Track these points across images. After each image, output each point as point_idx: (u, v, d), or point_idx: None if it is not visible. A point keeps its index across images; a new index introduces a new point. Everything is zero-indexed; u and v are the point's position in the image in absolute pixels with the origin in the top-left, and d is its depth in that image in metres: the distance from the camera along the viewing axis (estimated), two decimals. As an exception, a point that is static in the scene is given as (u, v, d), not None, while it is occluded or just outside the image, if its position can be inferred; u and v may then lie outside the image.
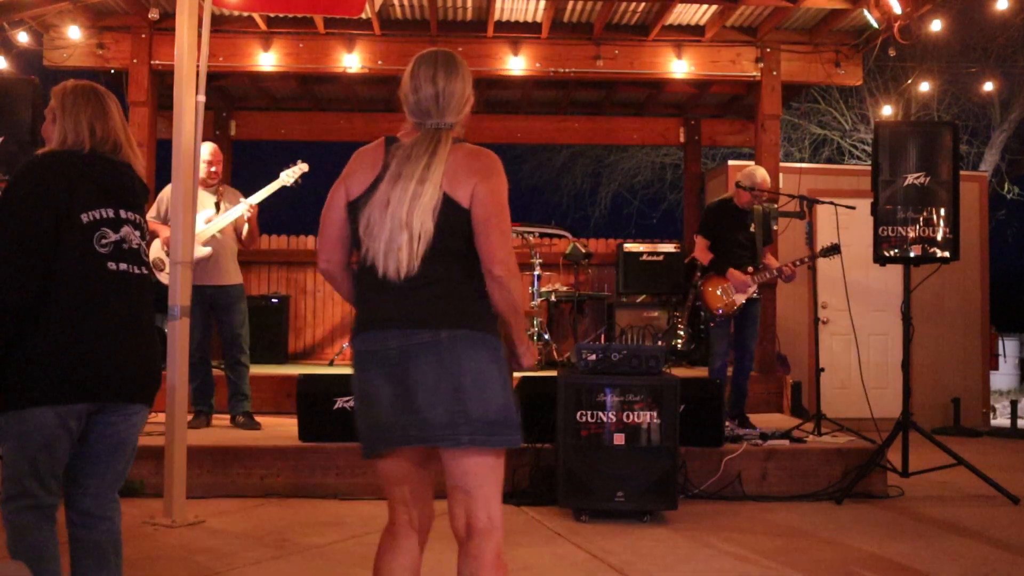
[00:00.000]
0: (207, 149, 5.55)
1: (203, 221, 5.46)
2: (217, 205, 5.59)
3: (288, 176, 5.59)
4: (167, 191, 5.44)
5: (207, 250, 5.49)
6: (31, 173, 2.45)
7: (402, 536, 2.40)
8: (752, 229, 5.89)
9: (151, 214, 5.68)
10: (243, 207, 5.53)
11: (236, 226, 5.65)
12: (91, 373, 2.42)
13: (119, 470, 2.60)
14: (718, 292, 5.81)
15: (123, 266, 2.51)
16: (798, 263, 5.87)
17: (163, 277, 5.44)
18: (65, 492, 2.53)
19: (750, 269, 5.80)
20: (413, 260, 2.25)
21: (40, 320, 2.37)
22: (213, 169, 5.62)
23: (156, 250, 5.55)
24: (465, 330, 2.27)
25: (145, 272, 2.60)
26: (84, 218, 2.45)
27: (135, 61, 6.83)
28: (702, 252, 5.94)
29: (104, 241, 2.48)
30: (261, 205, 5.64)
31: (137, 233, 2.58)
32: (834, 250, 5.72)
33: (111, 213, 2.51)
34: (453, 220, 2.27)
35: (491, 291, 2.31)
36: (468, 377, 2.24)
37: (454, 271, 2.29)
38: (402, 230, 2.24)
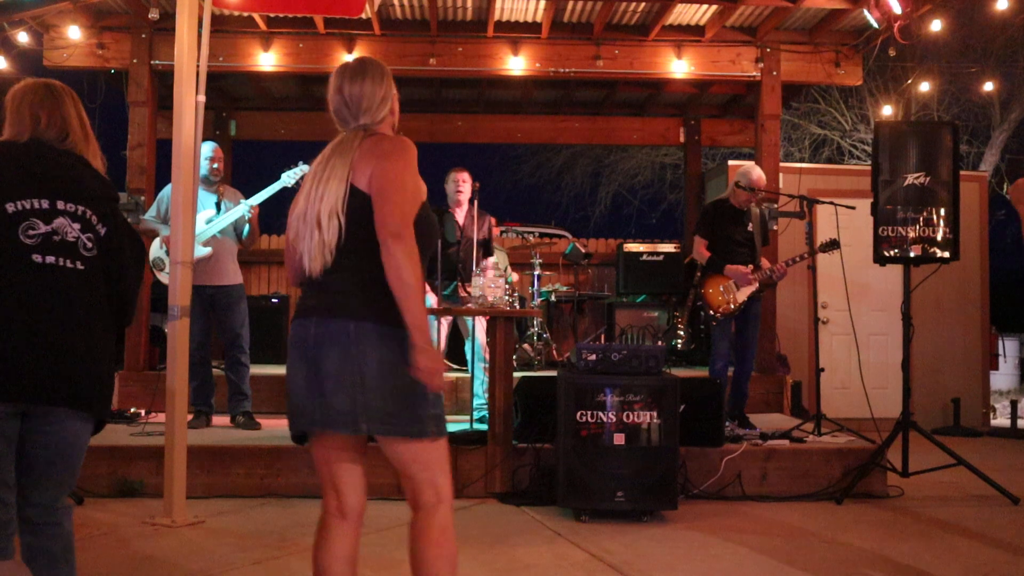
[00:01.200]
0: (209, 146, 5.60)
1: (203, 221, 5.48)
2: (218, 205, 5.61)
3: (289, 177, 5.60)
4: (167, 191, 5.47)
5: (208, 250, 5.50)
6: None
7: (333, 526, 2.49)
8: (750, 228, 5.90)
9: (150, 213, 5.69)
10: (244, 208, 5.55)
11: (237, 226, 5.67)
12: (11, 371, 2.27)
13: (60, 480, 2.43)
14: (719, 291, 5.81)
15: (50, 259, 2.37)
16: (796, 260, 5.86)
17: (163, 277, 5.47)
18: (16, 502, 2.40)
19: (750, 267, 5.80)
20: (326, 256, 2.37)
21: None
22: (215, 166, 5.66)
23: (155, 249, 5.56)
24: (372, 323, 2.34)
25: (81, 267, 2.42)
26: (9, 207, 2.35)
27: (135, 61, 6.83)
28: (701, 252, 5.94)
29: (31, 232, 2.36)
30: (261, 206, 5.65)
31: (76, 226, 2.42)
32: (833, 245, 5.72)
33: (44, 204, 2.39)
34: (360, 210, 2.37)
35: (383, 261, 2.31)
36: (371, 368, 2.32)
37: (365, 264, 2.38)
38: (314, 230, 2.38)
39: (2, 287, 2.31)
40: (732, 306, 5.77)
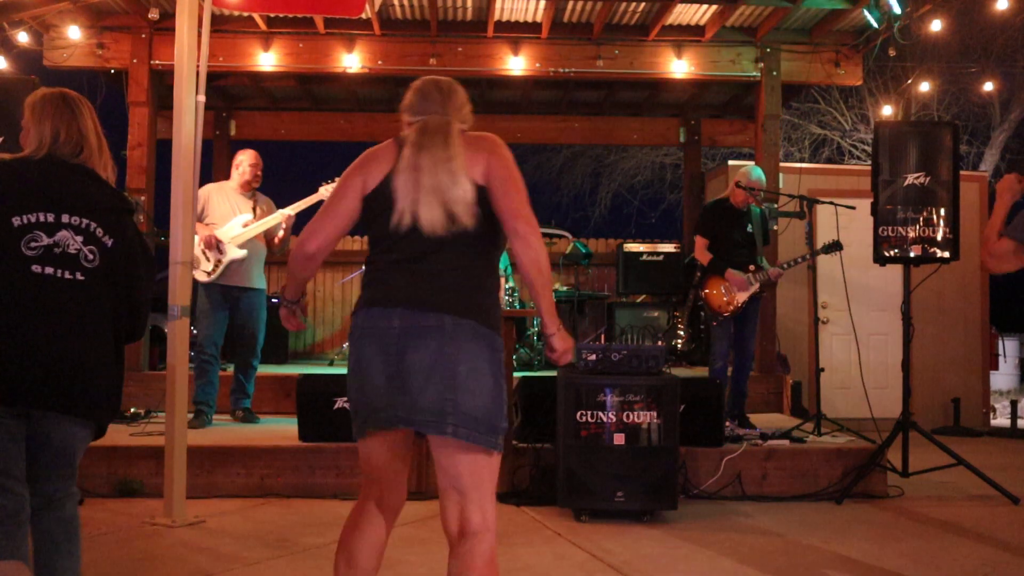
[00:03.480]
0: (250, 154, 5.83)
1: (240, 224, 5.65)
2: (253, 210, 5.77)
3: (326, 191, 5.65)
4: (205, 189, 5.73)
5: (243, 252, 5.64)
6: None
7: (371, 514, 2.45)
8: (749, 229, 5.90)
9: None
10: (280, 216, 5.71)
11: (269, 233, 5.80)
12: (8, 375, 2.36)
13: (61, 474, 2.53)
14: (720, 292, 5.81)
15: (49, 270, 2.45)
16: (798, 261, 5.87)
17: (199, 275, 5.62)
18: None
19: (751, 268, 5.80)
20: (468, 216, 2.28)
21: None
22: (258, 173, 5.85)
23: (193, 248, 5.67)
24: (471, 321, 2.27)
25: (81, 278, 2.49)
26: (15, 221, 2.44)
27: (135, 61, 6.83)
28: (701, 252, 5.94)
29: (33, 244, 2.44)
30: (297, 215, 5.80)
31: (79, 239, 2.50)
32: (835, 246, 5.71)
33: (50, 218, 2.47)
34: (474, 197, 2.31)
35: (516, 250, 2.30)
36: (464, 368, 2.24)
37: (467, 258, 2.32)
38: (449, 189, 2.27)
39: (4, 296, 2.39)
40: (732, 307, 5.77)
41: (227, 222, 5.69)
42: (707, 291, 5.85)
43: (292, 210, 5.71)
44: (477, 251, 2.34)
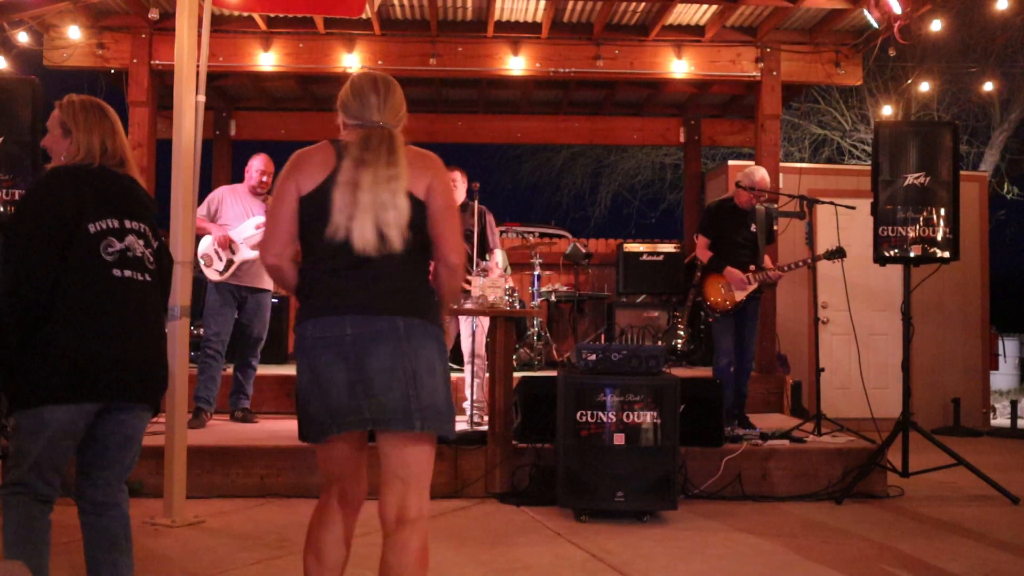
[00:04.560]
0: (261, 159, 5.88)
1: (253, 226, 5.72)
2: (265, 213, 5.79)
3: None
4: (219, 191, 5.90)
5: (254, 254, 5.66)
6: (45, 186, 2.62)
7: (335, 510, 2.53)
8: (753, 229, 5.89)
9: (200, 212, 5.77)
10: None
11: None
12: (101, 374, 2.54)
13: (127, 463, 2.73)
14: (719, 290, 5.82)
15: (128, 273, 2.64)
16: (799, 264, 5.88)
17: (210, 273, 5.73)
18: (76, 484, 2.69)
19: (752, 268, 5.80)
20: (401, 238, 2.36)
21: (52, 323, 2.50)
22: (265, 179, 5.88)
23: (205, 247, 5.75)
24: (419, 320, 2.40)
25: (148, 279, 2.71)
26: (91, 228, 2.59)
27: (135, 61, 6.83)
28: (703, 251, 5.95)
29: (110, 249, 2.62)
30: None
31: (141, 242, 2.70)
32: (839, 253, 5.70)
33: (116, 223, 2.65)
34: (413, 214, 2.39)
35: (442, 277, 2.47)
36: (422, 366, 2.36)
37: (409, 264, 2.41)
38: (386, 209, 2.34)
39: (91, 299, 2.56)
40: (729, 305, 5.78)
41: (240, 223, 5.78)
42: (706, 289, 5.86)
43: None
44: (412, 256, 2.43)
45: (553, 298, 8.18)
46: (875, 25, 6.60)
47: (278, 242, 2.48)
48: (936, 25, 6.50)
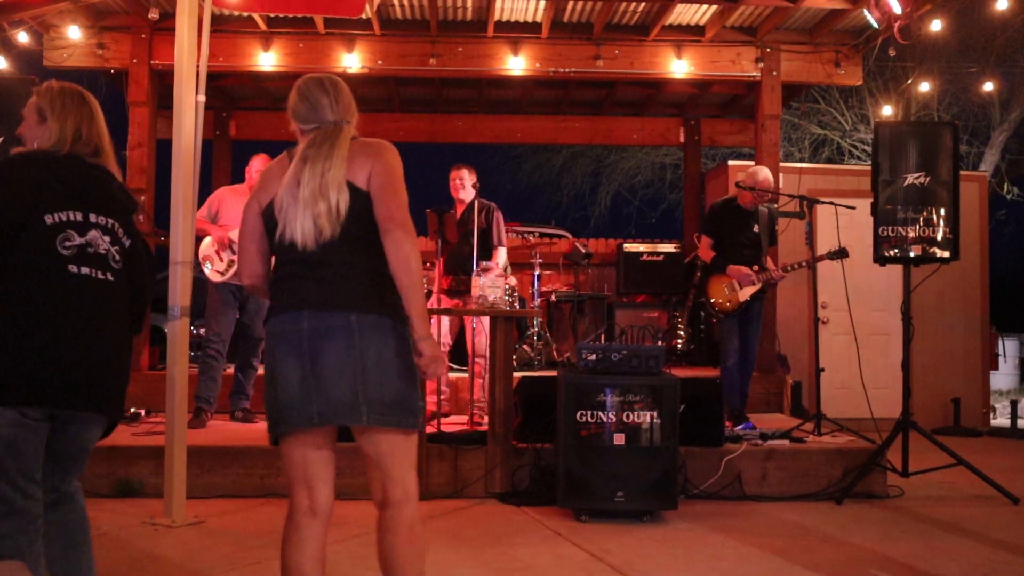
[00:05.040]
0: (261, 160, 5.85)
1: None
2: None
3: None
4: (220, 192, 5.92)
5: None
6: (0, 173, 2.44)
7: (304, 526, 2.48)
8: (756, 229, 5.90)
9: (201, 213, 5.77)
10: None
11: None
12: (45, 377, 2.35)
13: (77, 469, 2.59)
14: (722, 290, 5.82)
15: (85, 270, 2.45)
16: (802, 264, 5.88)
17: (212, 274, 5.76)
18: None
19: (755, 268, 5.81)
20: (334, 227, 2.39)
21: None
22: None
23: (206, 248, 5.77)
24: (374, 316, 2.40)
25: (111, 279, 2.52)
26: (48, 219, 2.41)
27: (135, 61, 6.83)
28: (705, 251, 5.95)
29: (68, 243, 2.43)
30: None
31: (107, 239, 2.52)
32: (841, 254, 5.70)
33: (78, 216, 2.47)
34: (357, 205, 2.41)
35: (387, 250, 2.40)
36: (371, 360, 2.38)
37: (361, 257, 2.43)
38: (317, 201, 2.38)
39: (40, 296, 2.37)
40: (731, 305, 5.78)
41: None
42: (710, 289, 5.86)
43: None
44: (361, 248, 2.44)
45: (553, 298, 8.18)
46: (875, 25, 6.60)
47: (249, 263, 2.58)
48: (936, 25, 6.50)
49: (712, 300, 5.85)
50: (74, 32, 6.63)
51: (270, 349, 2.46)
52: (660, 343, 7.68)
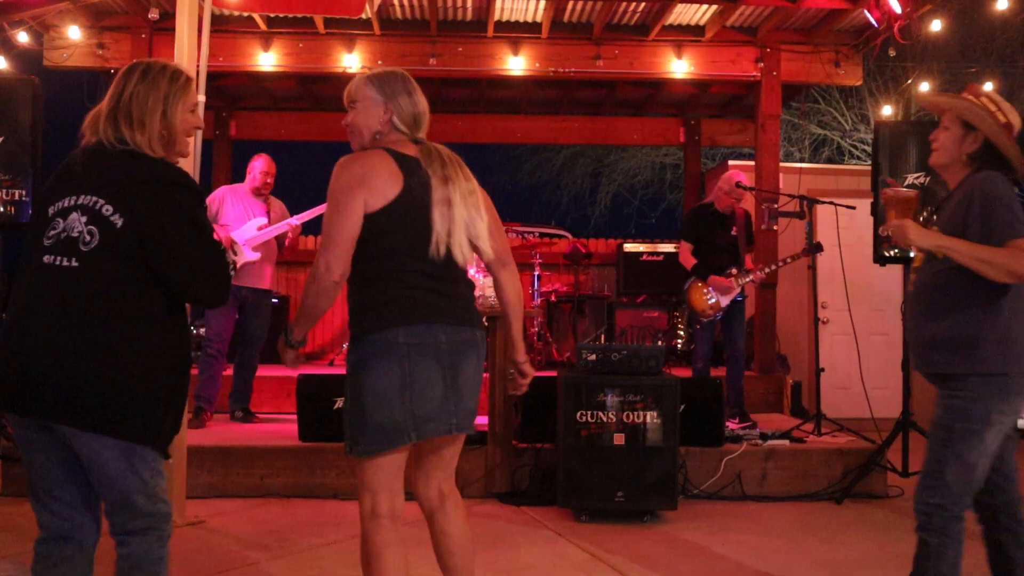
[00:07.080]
0: (263, 161, 5.88)
1: (255, 228, 5.74)
2: (267, 214, 5.84)
3: None
4: (219, 192, 5.89)
5: (257, 255, 5.72)
6: None
7: (392, 533, 2.47)
8: (734, 232, 5.96)
9: None
10: (287, 225, 5.78)
11: (278, 238, 5.89)
12: (4, 380, 2.14)
13: (113, 502, 2.23)
14: (703, 295, 5.87)
15: (49, 258, 2.17)
16: (779, 264, 5.98)
17: None
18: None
19: (733, 271, 5.85)
20: (482, 248, 2.58)
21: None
22: (268, 180, 5.89)
23: None
24: (482, 332, 2.60)
25: (75, 264, 2.15)
26: (50, 211, 2.23)
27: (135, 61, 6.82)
28: (686, 256, 6.01)
29: (51, 233, 2.19)
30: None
31: (83, 219, 2.17)
32: (816, 248, 5.77)
33: (69, 201, 2.20)
34: None
35: (504, 283, 2.67)
36: (480, 373, 2.58)
37: (466, 274, 2.60)
38: (475, 223, 2.52)
39: (16, 293, 2.22)
40: (712, 311, 5.85)
41: (240, 224, 5.77)
42: (691, 296, 5.92)
43: (299, 219, 5.80)
44: (466, 268, 2.61)
45: (553, 298, 8.18)
46: (875, 25, 6.60)
47: (342, 260, 2.39)
48: (936, 25, 6.50)
49: (695, 307, 5.91)
50: (74, 32, 6.63)
51: (402, 359, 2.37)
52: (660, 343, 7.68)
